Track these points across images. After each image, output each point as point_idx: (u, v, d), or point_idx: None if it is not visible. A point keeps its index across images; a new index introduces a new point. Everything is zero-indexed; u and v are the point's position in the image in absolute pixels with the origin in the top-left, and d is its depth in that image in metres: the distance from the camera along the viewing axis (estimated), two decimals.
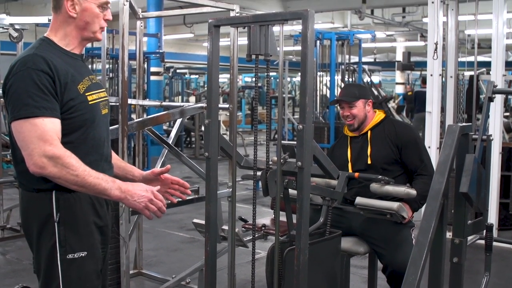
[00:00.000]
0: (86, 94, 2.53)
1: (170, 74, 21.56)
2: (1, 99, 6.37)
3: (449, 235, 2.75)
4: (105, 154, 2.67)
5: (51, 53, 2.47)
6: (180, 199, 2.85)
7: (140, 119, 4.71)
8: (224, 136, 3.07)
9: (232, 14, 4.55)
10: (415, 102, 16.78)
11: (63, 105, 2.43)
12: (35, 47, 2.50)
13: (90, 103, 2.54)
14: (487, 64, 8.15)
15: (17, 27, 6.41)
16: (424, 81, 17.84)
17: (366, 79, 15.05)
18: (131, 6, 4.20)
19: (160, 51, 12.65)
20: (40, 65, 2.38)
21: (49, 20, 5.65)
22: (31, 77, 2.36)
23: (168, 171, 2.87)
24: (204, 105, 4.57)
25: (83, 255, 2.51)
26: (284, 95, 12.77)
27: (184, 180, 2.89)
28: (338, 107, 4.29)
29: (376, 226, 3.90)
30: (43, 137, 2.31)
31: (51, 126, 2.35)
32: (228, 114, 4.61)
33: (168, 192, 2.84)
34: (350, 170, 4.09)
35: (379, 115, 4.23)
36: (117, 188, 2.42)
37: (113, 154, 2.87)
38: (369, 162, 4.06)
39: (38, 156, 2.30)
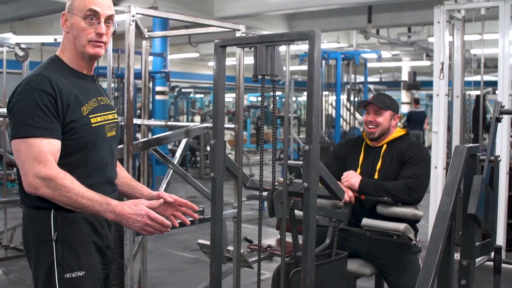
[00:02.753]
0: (90, 116, 2.52)
1: (175, 94, 21.65)
2: (7, 118, 6.38)
3: (456, 256, 2.72)
4: (108, 176, 2.65)
5: (57, 73, 2.47)
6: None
7: (146, 139, 4.70)
8: (230, 155, 3.05)
9: (237, 34, 4.56)
10: (408, 121, 17.44)
11: (64, 126, 2.44)
12: (42, 66, 2.51)
13: (93, 125, 2.53)
14: (494, 84, 8.15)
15: (23, 46, 6.44)
16: (416, 101, 18.38)
17: None
18: (137, 26, 4.20)
19: (166, 70, 12.71)
20: (43, 85, 2.39)
21: (55, 39, 5.69)
22: (34, 97, 2.37)
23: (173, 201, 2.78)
24: (209, 125, 4.56)
25: (81, 274, 2.49)
26: (289, 115, 12.78)
27: (189, 200, 2.86)
28: (361, 114, 4.21)
29: (382, 248, 3.86)
30: (37, 158, 2.33)
31: (48, 147, 2.36)
32: (233, 133, 4.59)
33: (174, 215, 2.78)
34: None
35: (400, 132, 4.12)
36: (111, 211, 2.40)
37: (125, 173, 2.88)
38: (376, 177, 3.97)
39: (32, 177, 2.33)
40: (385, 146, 4.06)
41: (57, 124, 2.40)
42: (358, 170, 4.04)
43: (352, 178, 3.83)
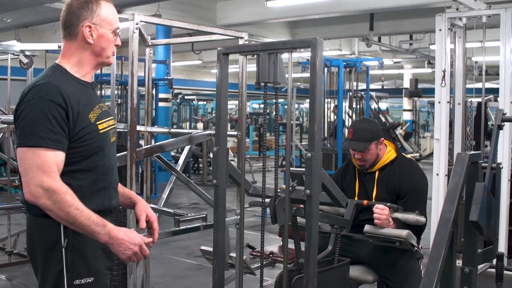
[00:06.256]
0: (97, 123, 2.55)
1: (178, 101, 21.68)
2: (11, 125, 6.40)
3: (458, 263, 2.72)
4: (113, 181, 2.67)
5: (64, 82, 2.48)
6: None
7: (149, 145, 4.72)
8: (232, 162, 3.06)
9: (240, 42, 4.58)
10: None
11: (75, 134, 2.45)
12: (48, 75, 2.50)
13: (100, 131, 2.56)
14: (495, 91, 8.15)
15: (27, 53, 6.47)
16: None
17: (374, 105, 15.09)
18: (140, 34, 4.22)
19: (169, 77, 12.73)
20: (53, 96, 2.39)
21: (59, 46, 5.71)
22: (42, 107, 2.37)
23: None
24: (212, 132, 4.58)
25: (90, 281, 2.50)
26: (292, 122, 12.78)
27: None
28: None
29: (384, 254, 3.86)
30: (42, 168, 2.33)
31: (53, 157, 2.36)
32: (236, 140, 4.61)
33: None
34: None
35: (390, 154, 4.06)
36: (106, 234, 2.39)
37: None
38: None
39: (35, 186, 2.32)
40: (377, 172, 4.05)
41: (63, 136, 2.40)
42: (355, 198, 4.02)
43: (386, 222, 3.68)
